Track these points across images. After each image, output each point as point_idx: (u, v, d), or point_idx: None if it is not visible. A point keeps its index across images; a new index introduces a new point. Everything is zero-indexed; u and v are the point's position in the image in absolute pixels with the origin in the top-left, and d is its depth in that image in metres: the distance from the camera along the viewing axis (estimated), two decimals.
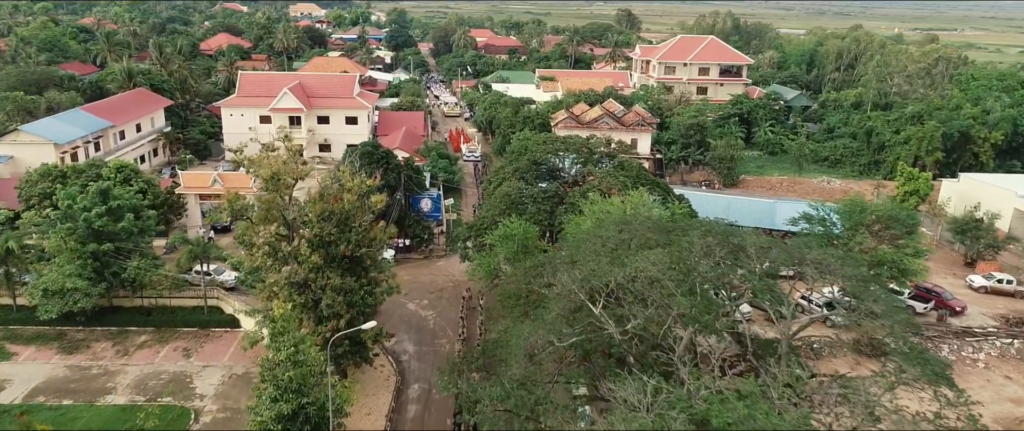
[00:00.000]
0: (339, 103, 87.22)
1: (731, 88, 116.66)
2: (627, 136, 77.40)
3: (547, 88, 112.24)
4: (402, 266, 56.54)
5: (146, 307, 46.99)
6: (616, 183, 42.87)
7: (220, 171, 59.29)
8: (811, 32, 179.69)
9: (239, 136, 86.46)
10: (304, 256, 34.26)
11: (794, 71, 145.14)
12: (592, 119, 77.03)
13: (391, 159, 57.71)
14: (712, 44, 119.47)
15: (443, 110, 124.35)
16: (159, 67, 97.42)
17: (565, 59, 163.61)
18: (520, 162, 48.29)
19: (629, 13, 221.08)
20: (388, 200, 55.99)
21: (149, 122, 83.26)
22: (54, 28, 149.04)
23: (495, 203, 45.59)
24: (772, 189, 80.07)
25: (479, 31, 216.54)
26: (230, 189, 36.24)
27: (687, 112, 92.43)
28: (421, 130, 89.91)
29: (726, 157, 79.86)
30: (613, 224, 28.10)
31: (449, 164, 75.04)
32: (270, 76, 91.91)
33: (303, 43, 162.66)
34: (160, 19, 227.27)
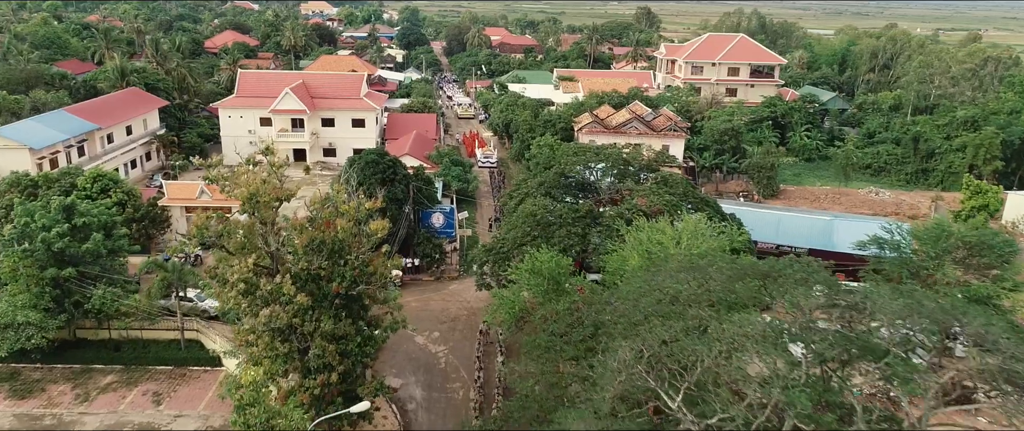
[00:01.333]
0: (345, 104, 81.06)
1: (762, 89, 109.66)
2: (657, 142, 70.77)
3: (567, 89, 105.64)
4: (410, 290, 50.18)
5: (115, 340, 40.86)
6: (660, 202, 36.35)
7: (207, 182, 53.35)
8: (842, 31, 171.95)
9: (238, 139, 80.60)
10: (287, 295, 27.89)
11: (826, 72, 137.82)
12: (619, 124, 70.41)
13: (398, 170, 51.37)
14: (742, 43, 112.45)
15: (456, 111, 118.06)
16: (155, 65, 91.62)
17: (583, 58, 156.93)
18: (546, 175, 41.76)
19: (648, 12, 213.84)
20: (395, 214, 49.73)
21: (141, 124, 77.41)
22: (55, 25, 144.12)
23: (517, 223, 39.13)
24: (816, 201, 73.10)
25: (493, 29, 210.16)
26: (200, 215, 29.84)
27: (720, 115, 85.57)
28: (433, 133, 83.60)
29: (765, 165, 72.96)
30: (679, 269, 21.63)
31: (463, 171, 68.69)
32: (271, 75, 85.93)
33: (312, 41, 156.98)
34: (169, 16, 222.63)
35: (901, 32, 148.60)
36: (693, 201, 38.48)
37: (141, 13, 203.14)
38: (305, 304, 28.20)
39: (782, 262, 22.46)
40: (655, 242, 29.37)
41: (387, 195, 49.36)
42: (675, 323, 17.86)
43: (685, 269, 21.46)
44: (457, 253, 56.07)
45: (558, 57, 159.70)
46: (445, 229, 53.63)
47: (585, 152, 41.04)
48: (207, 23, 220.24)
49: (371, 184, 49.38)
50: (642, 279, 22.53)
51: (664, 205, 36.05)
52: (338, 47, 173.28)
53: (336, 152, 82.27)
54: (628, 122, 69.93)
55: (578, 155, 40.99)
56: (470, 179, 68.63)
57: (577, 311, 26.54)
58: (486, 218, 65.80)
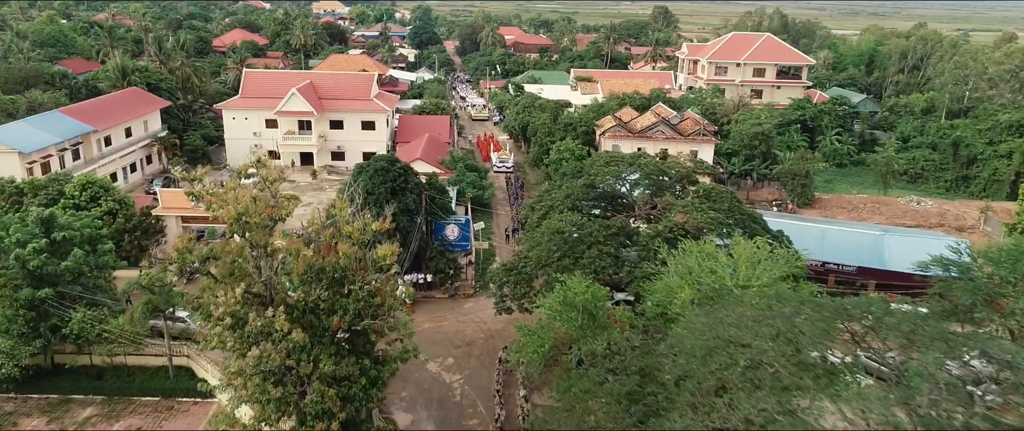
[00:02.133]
0: (354, 105, 77.25)
1: (789, 91, 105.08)
2: (685, 147, 66.48)
3: (585, 90, 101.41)
4: (422, 308, 46.23)
5: (97, 367, 37.11)
6: (704, 219, 32.19)
7: None
8: (867, 31, 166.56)
9: (242, 142, 77.16)
10: (280, 332, 23.94)
11: (852, 73, 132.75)
12: (645, 127, 66.16)
13: (410, 178, 47.39)
14: (768, 42, 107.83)
15: (470, 113, 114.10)
16: (158, 64, 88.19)
17: (599, 58, 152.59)
18: (573, 186, 37.62)
19: (666, 11, 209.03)
20: (407, 227, 45.85)
21: (141, 125, 73.90)
22: (62, 23, 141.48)
23: (541, 241, 35.02)
24: (853, 210, 68.53)
25: (507, 29, 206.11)
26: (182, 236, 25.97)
27: (748, 119, 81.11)
28: (446, 136, 79.65)
29: (799, 172, 68.48)
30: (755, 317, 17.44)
31: (478, 177, 64.66)
32: (278, 75, 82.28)
33: (322, 40, 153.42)
34: (180, 15, 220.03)
35: (932, 32, 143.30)
36: (739, 217, 34.30)
37: (151, 12, 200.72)
38: (301, 342, 24.25)
39: (874, 306, 18.23)
40: (707, 270, 25.25)
41: (398, 206, 45.47)
42: (766, 399, 13.76)
43: (762, 316, 17.34)
44: (472, 267, 52.09)
45: (574, 57, 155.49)
46: (460, 242, 49.63)
47: (618, 161, 36.85)
48: (218, 22, 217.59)
49: (380, 194, 45.50)
50: (705, 325, 18.45)
51: (709, 223, 31.88)
52: (349, 46, 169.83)
53: (345, 155, 78.53)
54: (654, 126, 65.68)
55: (611, 165, 36.80)
56: (486, 186, 64.63)
57: (619, 354, 22.47)
58: (503, 228, 61.75)
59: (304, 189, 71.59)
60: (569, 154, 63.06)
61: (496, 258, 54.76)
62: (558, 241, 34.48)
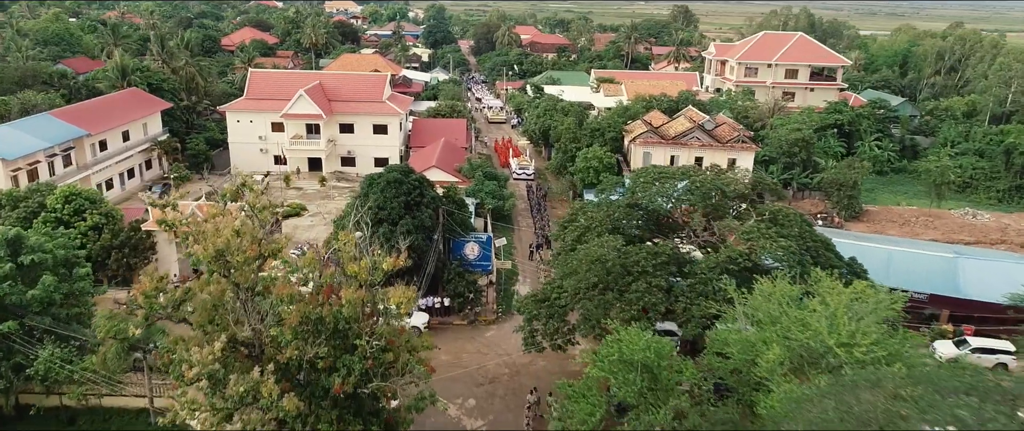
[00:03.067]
0: (366, 108, 72.64)
1: (822, 94, 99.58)
2: (722, 156, 61.35)
3: (609, 92, 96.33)
4: (439, 336, 41.31)
5: (70, 409, 32.54)
6: (774, 249, 27.21)
7: (201, 201, 45.07)
8: (899, 31, 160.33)
9: (248, 146, 72.79)
10: (269, 399, 19.16)
11: (886, 74, 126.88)
12: (679, 134, 61.08)
13: (426, 192, 42.61)
14: (801, 42, 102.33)
15: (486, 115, 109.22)
16: (160, 63, 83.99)
17: (619, 58, 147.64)
18: (614, 208, 32.63)
19: (686, 10, 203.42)
20: (422, 247, 41.06)
21: (140, 128, 69.58)
22: (68, 21, 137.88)
23: (579, 269, 30.11)
24: (905, 224, 63.15)
25: (523, 28, 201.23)
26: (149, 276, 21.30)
27: (786, 123, 75.82)
28: (463, 141, 74.89)
29: (846, 182, 63.16)
30: (909, 413, 12.59)
31: (498, 186, 59.81)
32: (285, 75, 77.83)
33: (334, 39, 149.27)
34: (191, 14, 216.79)
35: (970, 32, 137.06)
36: (811, 244, 29.28)
37: (162, 10, 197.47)
38: (296, 410, 19.46)
39: None
40: (798, 323, 20.30)
41: (413, 223, 40.75)
42: None
43: (919, 415, 12.47)
44: (493, 288, 47.24)
45: (593, 57, 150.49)
46: (480, 262, 44.80)
47: (669, 177, 31.73)
48: (229, 20, 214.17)
49: (393, 209, 40.74)
50: (835, 414, 13.53)
51: (780, 256, 26.90)
52: (361, 46, 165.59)
53: (355, 161, 74.03)
54: (689, 132, 60.59)
55: (661, 181, 31.71)
56: (506, 196, 59.78)
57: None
58: (526, 244, 56.86)
59: (311, 197, 67.10)
60: (597, 162, 58.13)
61: (519, 278, 49.91)
62: (598, 270, 29.56)
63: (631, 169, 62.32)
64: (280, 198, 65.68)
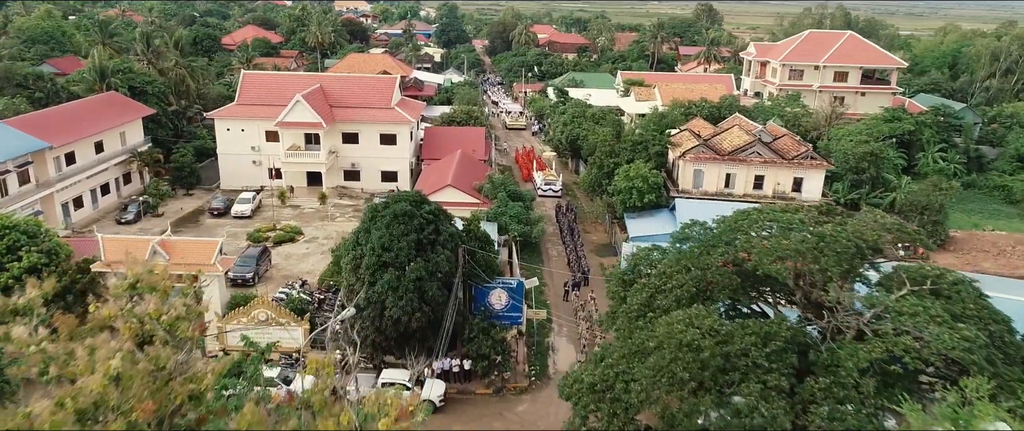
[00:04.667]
0: (372, 115, 64.17)
1: (875, 98, 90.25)
2: (787, 174, 52.44)
3: (640, 96, 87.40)
4: (459, 411, 32.89)
5: None
6: (952, 344, 18.44)
7: (164, 236, 36.69)
8: (944, 31, 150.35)
9: (239, 158, 64.48)
10: None
11: (935, 77, 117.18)
12: (736, 148, 52.16)
13: (442, 226, 33.97)
14: (851, 41, 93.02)
15: (504, 120, 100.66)
16: (146, 64, 75.85)
17: (644, 59, 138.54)
18: (707, 265, 23.61)
19: (710, 9, 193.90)
20: (438, 297, 32.50)
21: (117, 138, 61.43)
22: (60, 19, 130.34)
23: (659, 356, 21.33)
24: (1000, 254, 53.98)
25: (539, 27, 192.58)
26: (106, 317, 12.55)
27: (849, 133, 66.69)
28: (482, 152, 66.28)
29: (931, 204, 54.06)
30: None
31: (524, 208, 51.13)
32: (281, 78, 69.44)
33: (341, 38, 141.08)
34: (197, 12, 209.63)
35: None
36: (994, 329, 20.49)
37: (166, 9, 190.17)
38: None
39: None
40: None
41: (425, 268, 32.16)
42: None
43: None
44: (522, 340, 38.61)
45: (615, 57, 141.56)
46: (509, 312, 36.14)
47: (791, 225, 22.41)
48: (235, 19, 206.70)
49: (401, 250, 32.13)
50: None
51: (966, 356, 18.11)
52: (371, 45, 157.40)
53: (360, 175, 65.64)
54: (749, 146, 51.70)
55: (783, 232, 22.20)
56: (534, 220, 51.10)
57: None
58: (557, 277, 48.13)
59: (309, 217, 58.67)
60: (641, 182, 49.34)
61: (553, 326, 41.11)
62: (688, 361, 20.77)
63: (679, 190, 53.46)
64: (274, 217, 57.36)
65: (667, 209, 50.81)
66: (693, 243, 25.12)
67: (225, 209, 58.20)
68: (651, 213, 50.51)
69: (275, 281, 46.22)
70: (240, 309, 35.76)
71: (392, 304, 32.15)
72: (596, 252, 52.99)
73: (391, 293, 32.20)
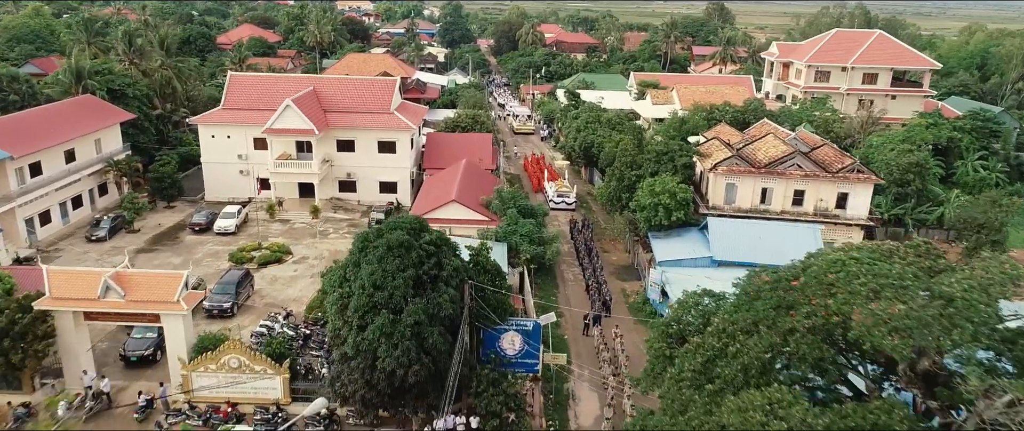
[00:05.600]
0: (369, 120, 58.93)
1: (906, 102, 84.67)
2: (831, 189, 46.97)
3: (657, 99, 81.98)
4: None
5: None
6: None
7: (120, 268, 31.39)
8: (968, 30, 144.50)
9: (225, 167, 59.35)
10: None
11: (964, 78, 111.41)
12: (774, 160, 46.71)
13: (445, 260, 28.64)
14: (880, 41, 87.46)
15: (511, 124, 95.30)
16: (128, 64, 70.68)
17: (656, 59, 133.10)
18: (789, 330, 18.00)
19: (722, 8, 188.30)
20: (441, 345, 27.28)
21: (91, 146, 56.31)
22: (49, 17, 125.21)
23: None
24: None
25: (546, 26, 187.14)
26: None
27: (889, 141, 61.17)
28: (489, 161, 60.98)
29: (990, 222, 48.56)
30: None
31: (536, 226, 45.74)
32: (270, 80, 64.14)
33: (342, 37, 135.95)
34: (196, 11, 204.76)
35: None
36: None
37: (164, 8, 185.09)
38: None
39: None
40: None
41: (425, 310, 26.88)
42: None
43: None
44: (538, 385, 33.29)
45: (626, 57, 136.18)
46: (523, 359, 30.78)
47: (869, 271, 16.71)
48: (235, 18, 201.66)
49: (395, 289, 26.84)
50: None
51: None
52: (372, 44, 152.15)
53: (356, 186, 60.38)
54: (788, 158, 46.25)
55: (891, 318, 16.59)
56: (547, 239, 45.70)
57: None
58: (574, 304, 42.78)
59: (300, 233, 53.44)
60: (668, 199, 43.91)
61: (573, 370, 35.71)
62: None
63: (709, 206, 48.03)
64: (260, 234, 52.13)
65: (697, 228, 45.45)
66: (763, 301, 19.61)
67: (207, 224, 52.99)
68: (679, 233, 45.14)
69: (257, 311, 40.97)
70: (208, 354, 30.47)
71: (385, 354, 26.86)
72: (617, 275, 47.62)
73: (384, 340, 26.91)
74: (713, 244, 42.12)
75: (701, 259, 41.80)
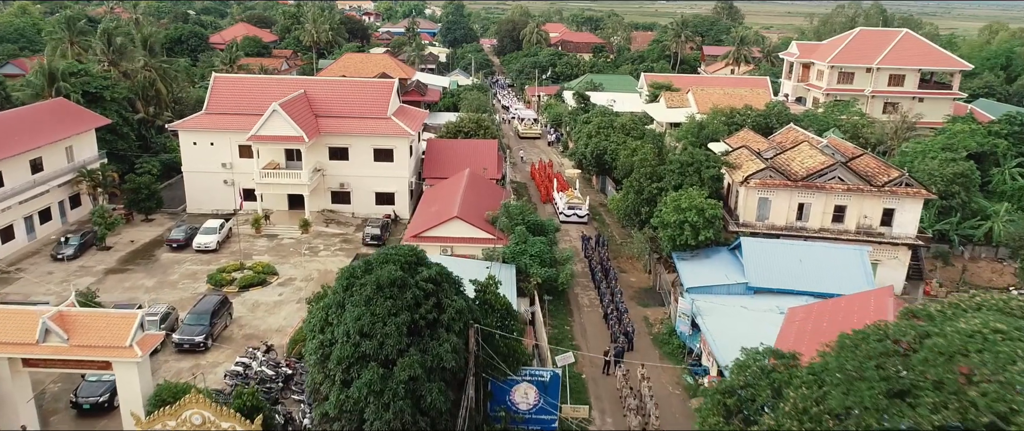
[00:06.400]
0: (364, 126, 54.29)
1: (934, 105, 79.91)
2: (875, 204, 42.22)
3: (672, 102, 77.24)
4: None
5: None
6: None
7: (64, 306, 26.81)
8: (989, 30, 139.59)
9: (207, 177, 54.78)
10: None
11: (989, 79, 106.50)
12: (812, 172, 41.97)
13: (447, 301, 23.95)
14: (907, 41, 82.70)
15: (516, 128, 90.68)
16: (107, 65, 66.10)
17: (665, 59, 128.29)
18: (915, 425, 13.51)
19: (731, 6, 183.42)
20: (440, 405, 22.62)
21: (61, 154, 51.70)
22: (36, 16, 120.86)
23: None
24: None
25: (550, 25, 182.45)
26: None
27: (928, 148, 56.40)
28: (494, 170, 56.32)
29: None
30: None
31: (547, 245, 41.07)
32: (257, 82, 59.43)
33: (340, 36, 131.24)
34: (194, 10, 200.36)
35: None
36: None
37: (162, 6, 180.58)
38: None
39: None
40: None
41: (421, 363, 22.26)
42: None
43: None
44: None
45: (634, 57, 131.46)
46: (538, 414, 26.10)
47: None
48: (233, 17, 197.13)
49: (386, 337, 22.21)
50: None
51: None
52: (372, 44, 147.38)
53: (350, 197, 55.70)
54: (828, 169, 41.51)
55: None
56: (560, 259, 41.00)
57: None
58: (590, 336, 38.09)
59: (287, 250, 48.83)
60: (696, 215, 39.18)
61: (594, 421, 30.93)
62: None
63: (739, 222, 43.29)
64: (244, 251, 47.54)
65: (727, 249, 40.76)
66: (867, 382, 14.83)
67: (186, 241, 48.36)
68: (707, 254, 40.44)
69: (235, 343, 36.32)
70: (166, 409, 25.77)
71: (374, 416, 22.28)
72: (637, 299, 42.91)
73: (373, 399, 22.32)
74: (748, 268, 37.41)
75: (735, 285, 37.10)
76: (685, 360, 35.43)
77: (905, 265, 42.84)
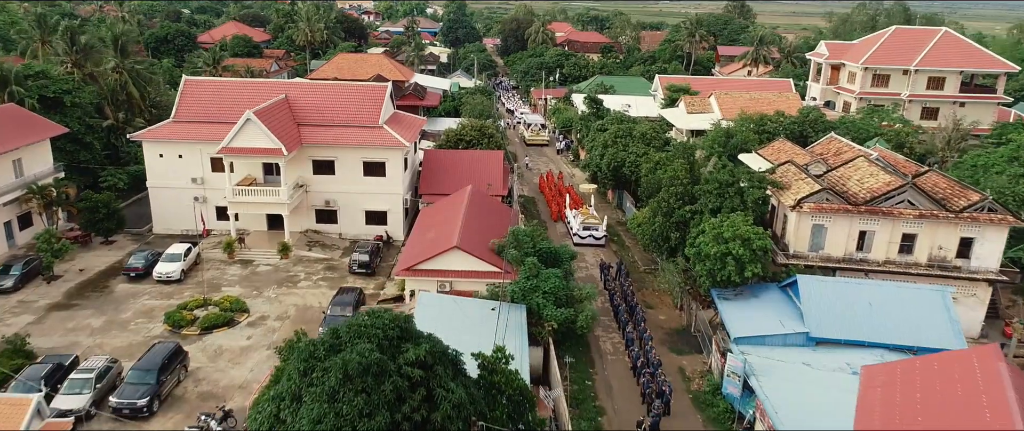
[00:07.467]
0: (353, 136, 47.87)
1: (975, 110, 73.29)
2: (949, 233, 35.71)
3: (693, 107, 70.71)
4: None
5: None
6: None
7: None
8: (1019, 28, 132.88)
9: (175, 193, 48.42)
10: None
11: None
12: (877, 194, 35.47)
13: (441, 390, 17.46)
14: (947, 40, 76.10)
15: (523, 134, 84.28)
16: (70, 67, 59.79)
17: (677, 60, 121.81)
18: None
19: (743, 4, 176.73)
20: None
21: (8, 168, 45.39)
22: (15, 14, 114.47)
23: None
24: None
25: (556, 25, 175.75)
26: None
27: (994, 161, 49.79)
28: (499, 186, 49.89)
29: None
30: None
31: (563, 281, 34.60)
32: (232, 86, 52.84)
33: (336, 36, 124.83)
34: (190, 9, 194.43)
35: None
36: None
37: (155, 6, 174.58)
38: None
39: None
40: None
41: None
42: None
43: None
44: None
45: (645, 58, 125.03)
46: None
47: None
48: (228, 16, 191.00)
49: None
50: None
51: None
52: (370, 44, 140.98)
53: (337, 216, 49.26)
54: (896, 191, 35.08)
55: None
56: (582, 296, 34.51)
57: None
58: (615, 397, 31.66)
59: (264, 279, 42.48)
60: (741, 247, 32.68)
61: None
62: None
63: (789, 253, 36.80)
64: (213, 281, 41.22)
65: (777, 287, 34.33)
66: None
67: (147, 269, 42.01)
68: (754, 292, 34.04)
69: (189, 404, 29.98)
70: None
71: None
72: (669, 344, 36.46)
73: None
74: (808, 314, 30.97)
75: (792, 335, 30.66)
76: (736, 427, 29.02)
77: (985, 304, 36.37)
